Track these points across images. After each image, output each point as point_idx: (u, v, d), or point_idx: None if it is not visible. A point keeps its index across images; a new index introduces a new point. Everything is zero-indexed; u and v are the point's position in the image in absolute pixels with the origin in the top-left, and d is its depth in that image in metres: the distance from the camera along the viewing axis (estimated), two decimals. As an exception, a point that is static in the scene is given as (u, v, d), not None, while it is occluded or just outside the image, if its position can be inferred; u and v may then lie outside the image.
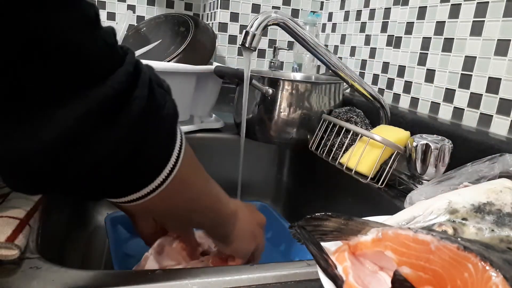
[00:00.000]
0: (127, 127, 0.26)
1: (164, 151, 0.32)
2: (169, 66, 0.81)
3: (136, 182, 0.31)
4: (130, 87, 0.27)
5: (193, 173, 0.38)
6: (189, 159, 0.36)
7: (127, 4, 1.32)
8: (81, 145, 0.25)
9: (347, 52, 1.12)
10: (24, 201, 0.44)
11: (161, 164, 0.32)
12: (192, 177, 0.38)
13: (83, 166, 0.26)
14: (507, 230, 0.33)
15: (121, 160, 0.27)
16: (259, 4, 1.20)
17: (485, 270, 0.25)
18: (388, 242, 0.31)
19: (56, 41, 0.22)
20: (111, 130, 0.26)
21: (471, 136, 0.65)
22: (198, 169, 0.39)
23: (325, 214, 0.34)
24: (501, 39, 0.66)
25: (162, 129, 0.30)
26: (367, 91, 0.77)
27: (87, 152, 0.25)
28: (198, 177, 0.39)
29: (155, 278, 0.36)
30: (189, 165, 0.36)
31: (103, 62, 0.25)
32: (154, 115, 0.29)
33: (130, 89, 0.27)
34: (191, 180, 0.38)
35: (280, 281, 0.37)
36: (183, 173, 0.34)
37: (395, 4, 0.92)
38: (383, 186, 0.64)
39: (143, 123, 0.28)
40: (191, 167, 0.37)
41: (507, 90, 0.65)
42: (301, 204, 0.93)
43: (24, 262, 0.36)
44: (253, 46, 0.66)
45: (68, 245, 0.63)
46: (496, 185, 0.37)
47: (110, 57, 0.26)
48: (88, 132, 0.25)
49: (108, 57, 0.26)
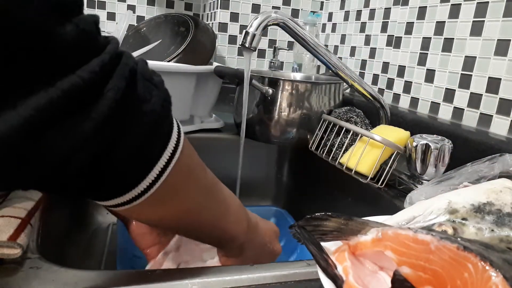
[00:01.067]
0: (96, 121, 0.24)
1: (148, 151, 0.28)
2: (169, 66, 0.81)
3: (115, 185, 0.28)
4: (104, 78, 0.24)
5: (193, 182, 0.34)
6: (187, 165, 0.32)
7: (127, 4, 1.32)
8: (42, 138, 0.23)
9: (347, 52, 1.12)
10: (24, 200, 0.44)
11: (146, 166, 0.29)
12: (191, 187, 0.34)
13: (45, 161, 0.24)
14: (507, 230, 0.33)
15: (90, 157, 0.25)
16: (259, 4, 1.20)
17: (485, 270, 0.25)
18: (388, 242, 0.31)
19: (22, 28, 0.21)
20: (78, 124, 0.23)
21: (471, 136, 0.65)
22: (200, 179, 0.35)
23: (325, 214, 0.34)
24: (501, 39, 0.66)
25: (143, 126, 0.27)
26: (367, 91, 0.77)
27: (49, 147, 0.23)
28: (199, 188, 0.36)
29: (155, 278, 0.36)
30: (188, 172, 0.33)
31: (76, 51, 0.23)
32: (132, 109, 0.26)
33: (103, 81, 0.24)
34: (189, 190, 0.34)
35: (280, 281, 0.37)
36: (177, 180, 0.31)
37: (395, 4, 0.92)
38: (383, 186, 0.64)
39: (117, 118, 0.25)
40: (191, 174, 0.34)
41: (507, 90, 0.65)
42: (301, 204, 0.93)
43: (25, 262, 0.36)
44: (253, 46, 0.66)
45: (69, 245, 0.63)
46: (496, 185, 0.37)
47: (85, 46, 0.24)
48: (49, 123, 0.22)
49: (83, 46, 0.24)
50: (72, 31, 0.23)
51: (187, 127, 0.89)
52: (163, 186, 0.30)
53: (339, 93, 0.87)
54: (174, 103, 0.31)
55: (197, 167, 0.35)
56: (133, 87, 0.26)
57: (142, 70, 0.28)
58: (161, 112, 0.28)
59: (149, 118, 0.27)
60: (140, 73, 0.27)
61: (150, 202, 0.30)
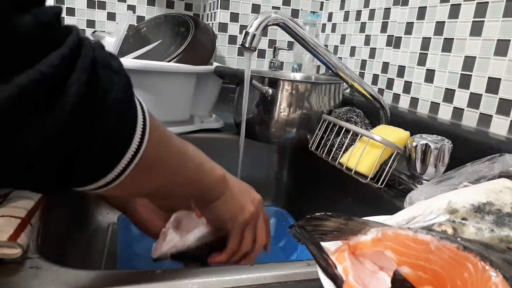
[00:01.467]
0: (60, 120, 0.23)
1: (118, 140, 0.28)
2: (169, 66, 0.81)
3: (88, 175, 0.28)
4: (65, 72, 0.23)
5: (165, 152, 0.35)
6: (157, 139, 0.33)
7: (127, 4, 1.32)
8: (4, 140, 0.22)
9: (347, 52, 1.12)
10: (24, 200, 0.44)
11: (117, 154, 0.28)
12: (164, 157, 0.35)
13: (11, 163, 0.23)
14: (506, 230, 0.33)
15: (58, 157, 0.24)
16: (259, 4, 1.20)
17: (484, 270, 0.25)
18: (388, 242, 0.31)
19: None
20: (40, 124, 0.22)
21: (471, 136, 0.65)
22: (169, 147, 0.36)
23: (325, 214, 0.34)
24: (501, 39, 0.66)
25: (109, 117, 0.26)
26: (367, 91, 0.77)
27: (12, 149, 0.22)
28: (171, 155, 0.36)
29: (155, 278, 0.36)
30: (159, 145, 0.33)
31: (35, 44, 0.22)
32: (96, 102, 0.25)
33: (64, 74, 0.23)
34: (162, 162, 0.35)
35: (280, 281, 0.37)
36: (150, 157, 0.31)
37: (395, 4, 0.92)
38: (383, 186, 0.64)
39: (82, 114, 0.24)
40: (161, 146, 0.34)
41: (507, 90, 0.65)
42: (301, 204, 0.93)
43: (25, 262, 0.36)
44: (253, 46, 0.66)
45: (69, 245, 0.63)
46: (496, 185, 0.37)
47: (44, 39, 0.23)
48: (8, 124, 0.21)
49: (42, 39, 0.22)
50: (30, 22, 0.22)
51: (187, 127, 0.89)
52: (138, 166, 0.30)
53: (339, 93, 0.87)
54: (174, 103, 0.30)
55: (165, 137, 0.35)
56: (95, 79, 0.25)
57: (100, 58, 0.26)
58: (124, 99, 0.27)
59: (114, 107, 0.26)
60: (100, 63, 0.26)
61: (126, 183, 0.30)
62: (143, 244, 0.73)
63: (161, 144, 0.34)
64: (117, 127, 0.27)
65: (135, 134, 0.29)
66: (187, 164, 0.39)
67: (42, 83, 0.22)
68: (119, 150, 0.28)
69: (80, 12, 1.28)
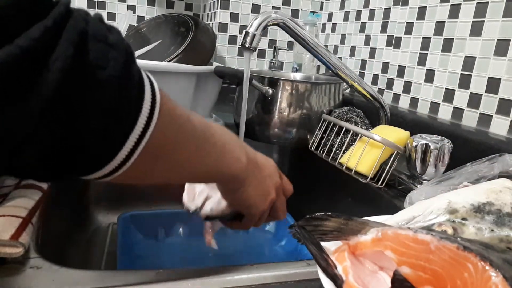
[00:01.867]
0: (44, 97, 0.21)
1: (117, 121, 0.25)
2: (169, 66, 0.81)
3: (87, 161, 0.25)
4: (48, 45, 0.21)
5: (181, 137, 0.32)
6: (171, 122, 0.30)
7: (127, 4, 1.32)
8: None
9: (347, 52, 1.12)
10: (25, 200, 0.44)
11: (118, 137, 0.26)
12: (180, 142, 0.32)
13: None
14: (506, 230, 0.33)
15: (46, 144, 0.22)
16: (259, 4, 1.20)
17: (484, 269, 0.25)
18: (387, 242, 0.31)
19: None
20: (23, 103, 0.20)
21: (471, 136, 0.65)
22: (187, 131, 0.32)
23: (325, 214, 0.34)
24: (500, 39, 0.66)
25: (104, 96, 0.23)
26: (367, 91, 0.77)
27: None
28: (188, 141, 0.33)
29: (156, 278, 0.36)
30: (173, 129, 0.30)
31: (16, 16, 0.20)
32: (86, 79, 0.22)
33: (47, 48, 0.21)
34: (177, 147, 0.32)
35: (280, 281, 0.37)
36: (162, 141, 0.29)
37: (395, 4, 0.92)
38: (383, 186, 0.64)
39: (69, 91, 0.22)
40: (176, 130, 0.31)
41: (507, 90, 0.65)
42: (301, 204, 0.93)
43: (25, 262, 0.36)
44: (253, 46, 0.66)
45: (69, 245, 0.63)
46: (496, 185, 0.37)
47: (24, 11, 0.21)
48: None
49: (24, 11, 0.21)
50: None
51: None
52: (146, 152, 0.27)
53: (339, 93, 0.87)
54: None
55: (181, 120, 0.32)
56: (84, 53, 0.23)
57: (94, 31, 0.23)
58: (122, 76, 0.24)
59: (109, 85, 0.24)
60: (92, 35, 0.23)
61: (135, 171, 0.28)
62: (143, 244, 0.73)
63: (176, 128, 0.31)
64: (114, 108, 0.24)
65: (140, 116, 0.26)
66: (208, 153, 0.36)
67: (23, 59, 0.20)
68: (120, 134, 0.25)
69: (80, 12, 1.28)
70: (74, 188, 0.73)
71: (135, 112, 0.26)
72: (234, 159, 0.39)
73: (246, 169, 0.41)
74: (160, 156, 0.30)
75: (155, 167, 0.31)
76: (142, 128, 0.26)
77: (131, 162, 0.27)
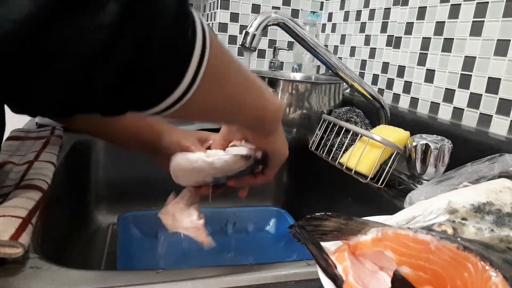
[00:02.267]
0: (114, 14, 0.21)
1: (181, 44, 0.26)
2: (169, 66, 0.81)
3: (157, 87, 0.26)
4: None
5: (229, 65, 0.33)
6: (219, 49, 0.31)
7: (127, 4, 1.32)
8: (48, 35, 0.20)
9: (347, 52, 1.12)
10: (25, 200, 0.44)
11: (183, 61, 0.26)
12: (230, 69, 0.34)
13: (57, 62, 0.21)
14: (506, 230, 0.33)
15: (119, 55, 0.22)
16: (259, 4, 1.20)
17: (484, 270, 0.25)
18: (387, 242, 0.31)
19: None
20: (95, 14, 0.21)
21: (471, 136, 0.65)
22: (231, 63, 0.34)
23: (325, 214, 0.34)
24: (500, 39, 0.66)
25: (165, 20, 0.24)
26: (367, 91, 0.78)
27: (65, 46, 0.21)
28: (236, 70, 0.35)
29: (155, 278, 0.36)
30: (222, 56, 0.32)
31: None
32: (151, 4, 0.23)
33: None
34: (229, 73, 0.33)
35: (280, 281, 0.37)
36: (216, 64, 0.30)
37: (395, 4, 0.92)
38: (383, 186, 0.64)
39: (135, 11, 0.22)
40: (225, 58, 0.32)
41: (507, 90, 0.65)
42: (301, 204, 0.93)
43: (25, 262, 0.36)
44: (253, 46, 0.66)
45: (69, 245, 0.63)
46: (496, 185, 0.37)
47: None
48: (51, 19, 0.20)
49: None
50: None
51: (187, 127, 0.89)
52: (205, 75, 0.28)
53: (339, 93, 0.87)
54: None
55: (227, 52, 0.33)
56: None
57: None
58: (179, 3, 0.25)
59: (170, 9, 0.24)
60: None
61: (195, 98, 0.29)
62: (143, 244, 0.73)
63: (225, 58, 0.32)
64: (176, 31, 0.25)
65: (196, 39, 0.27)
66: (251, 85, 0.38)
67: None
68: (184, 57, 0.26)
69: (80, 12, 1.28)
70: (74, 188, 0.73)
71: (192, 36, 0.27)
72: (272, 98, 0.42)
73: (281, 109, 0.44)
74: (218, 81, 0.32)
75: (214, 95, 0.32)
76: (200, 51, 0.27)
77: (196, 84, 0.28)
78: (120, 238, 0.66)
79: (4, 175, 0.51)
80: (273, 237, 0.82)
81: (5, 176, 0.51)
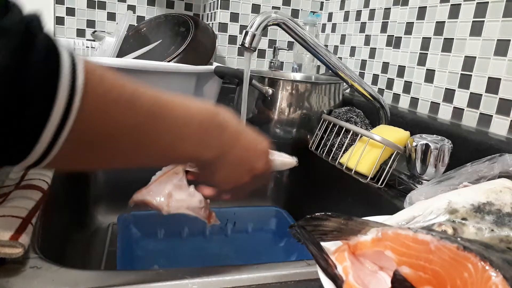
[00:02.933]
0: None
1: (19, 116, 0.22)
2: (169, 66, 0.81)
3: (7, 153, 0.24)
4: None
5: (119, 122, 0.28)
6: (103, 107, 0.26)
7: (127, 4, 1.32)
8: None
9: (347, 52, 1.12)
10: (25, 200, 0.44)
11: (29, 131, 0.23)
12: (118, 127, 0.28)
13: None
14: (506, 230, 0.33)
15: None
16: (259, 4, 1.20)
17: (484, 270, 0.25)
18: (387, 242, 0.31)
19: None
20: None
21: (471, 136, 0.65)
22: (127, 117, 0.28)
23: (325, 214, 0.34)
24: (500, 39, 0.66)
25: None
26: (367, 91, 0.77)
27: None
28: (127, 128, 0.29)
29: (155, 277, 0.36)
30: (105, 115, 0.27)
31: None
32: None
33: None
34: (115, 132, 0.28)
35: (280, 281, 0.37)
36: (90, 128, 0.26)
37: (395, 4, 0.92)
38: (383, 186, 0.64)
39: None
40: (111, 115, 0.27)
41: (507, 90, 0.65)
42: (301, 204, 0.93)
43: (25, 262, 0.36)
44: (253, 46, 0.66)
45: (69, 245, 0.63)
46: (496, 185, 0.37)
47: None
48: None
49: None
50: None
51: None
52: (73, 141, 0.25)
53: (339, 93, 0.87)
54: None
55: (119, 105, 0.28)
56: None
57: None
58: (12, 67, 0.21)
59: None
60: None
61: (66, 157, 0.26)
62: (143, 244, 0.73)
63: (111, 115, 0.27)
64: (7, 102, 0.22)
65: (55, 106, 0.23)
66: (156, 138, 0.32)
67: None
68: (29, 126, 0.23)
69: (80, 12, 1.28)
70: (74, 188, 0.73)
71: (42, 103, 0.23)
72: (197, 142, 0.35)
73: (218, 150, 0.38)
74: (95, 145, 0.27)
75: (90, 156, 0.28)
76: (63, 110, 0.24)
77: (54, 152, 0.25)
78: (120, 238, 0.66)
79: (4, 175, 0.51)
80: (273, 237, 0.82)
81: (5, 176, 0.51)
